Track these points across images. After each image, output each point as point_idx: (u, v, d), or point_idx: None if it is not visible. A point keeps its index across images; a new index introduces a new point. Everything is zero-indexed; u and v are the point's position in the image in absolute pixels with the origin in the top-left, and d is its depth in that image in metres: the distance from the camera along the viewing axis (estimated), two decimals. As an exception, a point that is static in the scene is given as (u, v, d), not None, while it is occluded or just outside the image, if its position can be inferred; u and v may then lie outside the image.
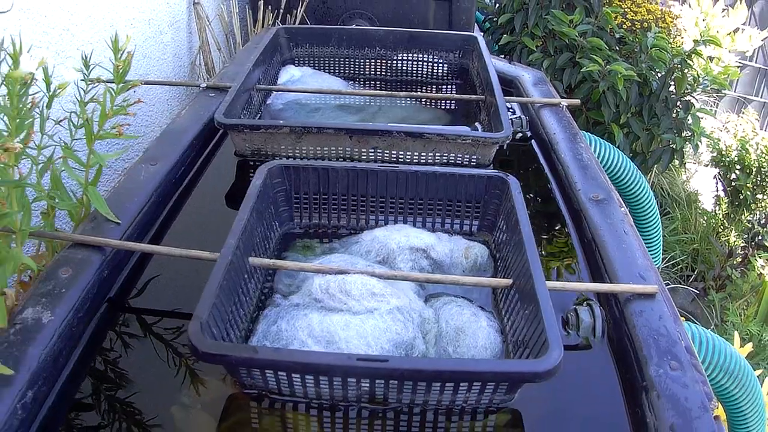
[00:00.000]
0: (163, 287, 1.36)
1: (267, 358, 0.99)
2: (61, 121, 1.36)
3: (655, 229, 2.45)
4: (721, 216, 4.16)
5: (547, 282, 1.10)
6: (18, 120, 1.10)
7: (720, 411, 1.44)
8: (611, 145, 2.27)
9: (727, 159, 4.01)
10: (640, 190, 2.33)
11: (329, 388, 1.00)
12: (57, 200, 1.35)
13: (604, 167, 2.12)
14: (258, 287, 1.25)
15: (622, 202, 1.53)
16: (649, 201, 2.37)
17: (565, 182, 1.65)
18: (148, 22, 2.61)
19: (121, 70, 1.34)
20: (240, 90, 1.83)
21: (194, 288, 1.30)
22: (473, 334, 1.12)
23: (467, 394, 1.00)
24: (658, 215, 2.45)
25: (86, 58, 1.35)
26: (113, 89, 1.35)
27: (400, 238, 1.32)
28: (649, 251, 2.38)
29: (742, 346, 2.34)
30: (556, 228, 1.58)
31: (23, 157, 1.18)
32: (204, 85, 2.03)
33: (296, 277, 1.26)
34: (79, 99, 1.34)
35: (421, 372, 0.96)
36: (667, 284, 3.75)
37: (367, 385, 0.99)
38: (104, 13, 2.23)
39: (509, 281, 1.21)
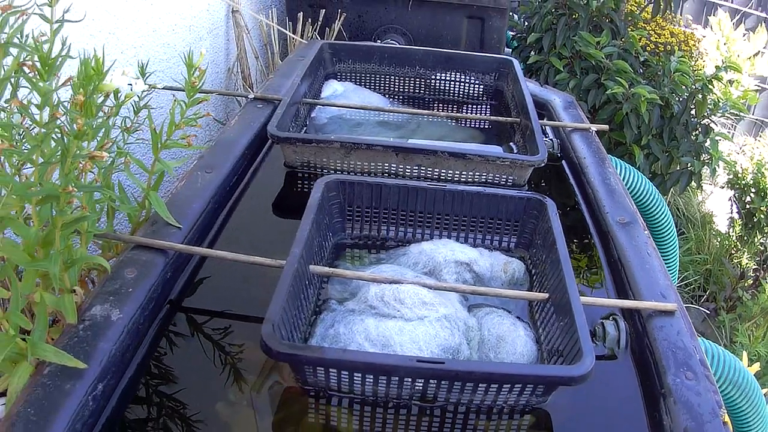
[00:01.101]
0: (214, 289, 1.42)
1: (335, 357, 1.09)
2: (125, 128, 1.42)
3: (673, 250, 2.50)
4: (734, 238, 4.18)
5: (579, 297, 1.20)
6: (95, 128, 1.12)
7: (728, 418, 1.55)
8: (635, 169, 2.32)
9: (743, 182, 4.02)
10: (660, 212, 2.39)
11: (386, 387, 1.10)
12: (118, 203, 1.40)
13: (627, 190, 2.22)
14: (315, 293, 1.34)
15: (645, 225, 1.63)
16: (668, 223, 2.44)
17: (594, 205, 1.74)
18: (189, 29, 2.68)
19: (195, 86, 1.39)
20: (289, 103, 1.89)
21: (244, 290, 1.41)
22: (512, 342, 1.22)
23: (508, 394, 1.10)
24: (676, 237, 2.50)
25: (143, 66, 1.42)
26: (183, 102, 1.40)
27: (446, 252, 1.41)
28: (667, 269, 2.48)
29: (749, 366, 2.40)
30: (585, 247, 1.66)
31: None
32: (252, 95, 2.09)
33: (348, 285, 1.36)
34: (133, 105, 1.40)
35: (473, 373, 1.07)
36: None
37: (421, 384, 1.09)
38: (147, 17, 2.31)
39: (546, 295, 1.31)
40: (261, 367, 1.21)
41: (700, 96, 3.22)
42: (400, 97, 2.46)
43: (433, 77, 2.45)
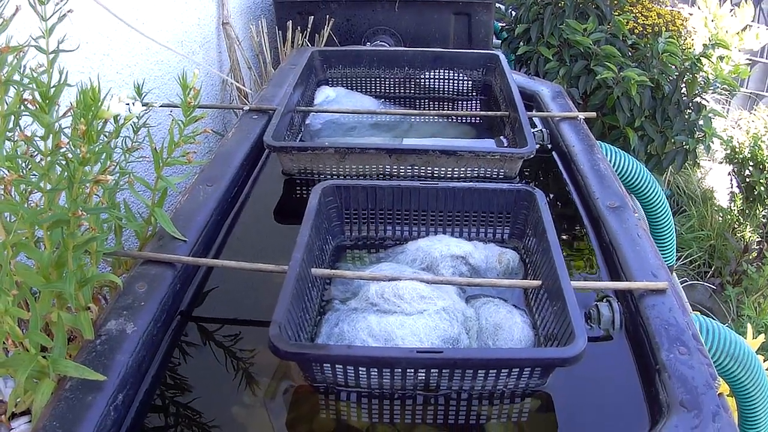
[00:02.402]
0: (222, 298, 1.47)
1: (341, 354, 1.14)
2: (127, 150, 1.45)
3: (669, 230, 2.52)
4: (736, 212, 4.17)
5: (571, 282, 1.24)
6: (97, 153, 1.15)
7: (724, 388, 1.59)
8: (625, 153, 2.35)
9: (741, 156, 3.99)
10: (653, 194, 2.41)
11: (391, 379, 1.15)
12: (125, 221, 1.45)
13: (618, 174, 2.23)
14: (319, 294, 1.38)
15: (636, 208, 1.67)
16: (662, 203, 2.46)
17: (584, 191, 1.78)
18: (181, 44, 2.72)
19: (191, 105, 1.42)
20: (283, 113, 1.94)
21: (251, 297, 1.46)
22: (509, 329, 1.27)
23: (508, 378, 1.15)
24: (671, 216, 2.52)
25: (139, 86, 1.45)
26: (181, 121, 1.43)
27: (442, 247, 1.46)
28: (663, 250, 2.51)
29: (755, 338, 2.41)
30: (577, 232, 1.70)
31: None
32: (247, 107, 2.13)
33: (350, 285, 1.40)
34: (132, 125, 1.44)
35: (470, 360, 1.13)
36: (685, 281, 3.78)
37: (423, 374, 1.14)
38: (140, 36, 2.35)
39: (539, 282, 1.36)
40: (273, 370, 1.25)
41: (689, 75, 3.24)
42: (392, 99, 2.49)
43: (423, 76, 2.49)
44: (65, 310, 1.19)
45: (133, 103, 1.25)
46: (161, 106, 1.89)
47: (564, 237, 1.68)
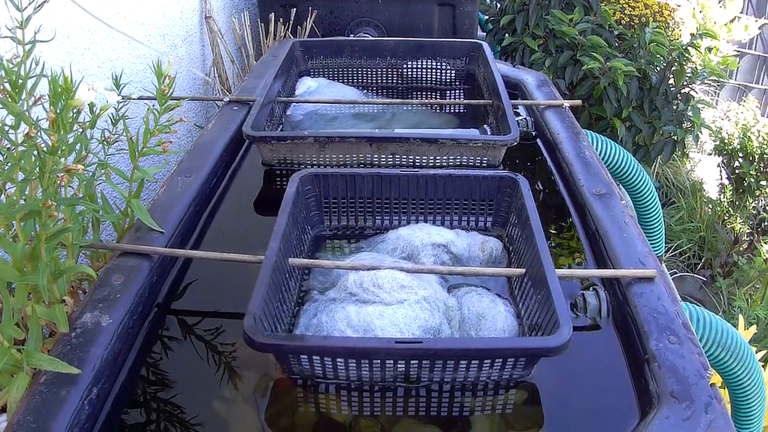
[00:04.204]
0: (200, 290, 1.45)
1: (317, 344, 1.11)
2: (104, 140, 1.44)
3: (657, 219, 2.51)
4: (726, 203, 4.18)
5: (556, 270, 1.21)
6: (71, 143, 1.17)
7: (716, 379, 1.56)
8: (612, 142, 2.33)
9: (730, 147, 4.03)
10: (641, 183, 2.39)
11: (369, 370, 1.12)
12: (102, 213, 1.42)
13: (605, 163, 2.21)
14: (297, 285, 1.36)
15: (623, 195, 1.64)
16: (650, 192, 2.44)
17: (569, 178, 1.76)
18: (163, 37, 2.70)
19: (165, 94, 1.41)
20: (263, 103, 1.92)
21: (230, 289, 1.43)
22: (492, 319, 1.24)
23: (490, 369, 1.12)
24: (659, 205, 2.51)
25: (117, 78, 1.45)
26: (156, 110, 1.42)
27: (423, 235, 1.43)
28: (652, 240, 2.49)
29: (746, 329, 2.40)
30: (563, 220, 1.68)
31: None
32: (227, 99, 2.11)
33: (329, 275, 1.37)
34: (111, 117, 1.43)
35: (451, 350, 1.09)
36: (675, 273, 3.78)
37: (403, 365, 1.11)
38: (122, 30, 2.32)
39: (522, 270, 1.33)
40: (253, 363, 1.23)
41: (677, 65, 3.23)
42: (375, 89, 2.48)
43: (405, 66, 2.47)
44: (41, 303, 1.17)
45: (110, 93, 1.23)
46: (138, 98, 1.86)
47: (549, 225, 1.66)
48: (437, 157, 1.80)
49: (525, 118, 2.08)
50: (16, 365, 1.10)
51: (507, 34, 3.58)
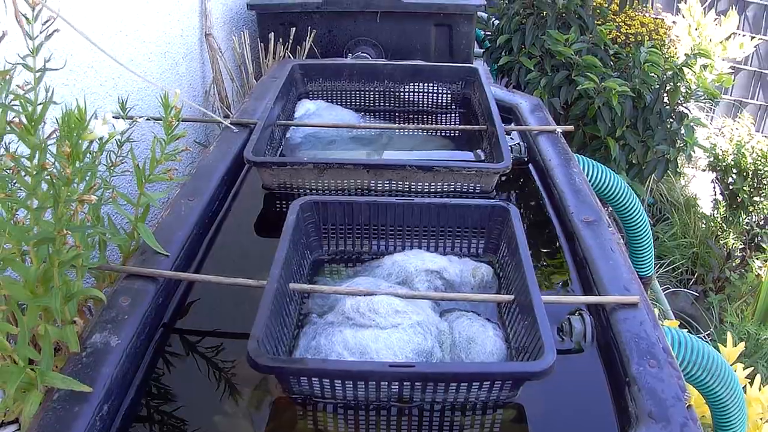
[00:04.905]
0: (203, 311, 1.50)
1: (316, 367, 1.17)
2: (111, 166, 1.49)
3: (646, 239, 2.55)
4: (719, 219, 4.22)
5: (543, 296, 1.27)
6: (82, 171, 1.18)
7: (695, 401, 1.61)
8: (602, 166, 2.38)
9: (724, 163, 4.06)
10: (631, 205, 2.43)
11: (365, 391, 1.18)
12: (109, 236, 1.47)
13: (595, 187, 2.27)
14: (297, 308, 1.41)
15: (612, 221, 1.69)
16: (640, 214, 2.48)
17: (559, 205, 1.80)
18: (164, 55, 2.74)
19: (172, 125, 1.45)
20: (263, 127, 1.96)
21: (232, 310, 1.49)
22: (482, 343, 1.30)
23: (479, 391, 1.18)
24: (649, 226, 2.54)
25: (123, 102, 1.49)
26: (163, 140, 1.46)
27: (417, 262, 1.49)
28: (642, 259, 2.54)
29: (735, 346, 2.43)
30: (552, 246, 1.73)
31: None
32: (228, 121, 2.15)
33: (328, 299, 1.42)
34: (116, 140, 1.47)
35: (442, 374, 1.15)
36: (667, 288, 3.81)
37: (396, 387, 1.17)
38: (123, 48, 2.37)
39: (511, 297, 1.38)
40: (254, 381, 1.28)
41: (672, 84, 3.26)
42: (372, 112, 2.51)
43: (402, 90, 2.50)
44: (52, 323, 1.21)
45: (117, 121, 1.27)
46: (146, 119, 1.91)
47: (539, 251, 1.71)
48: (432, 183, 1.84)
49: (518, 143, 2.12)
50: (29, 383, 1.15)
51: (503, 53, 3.62)
